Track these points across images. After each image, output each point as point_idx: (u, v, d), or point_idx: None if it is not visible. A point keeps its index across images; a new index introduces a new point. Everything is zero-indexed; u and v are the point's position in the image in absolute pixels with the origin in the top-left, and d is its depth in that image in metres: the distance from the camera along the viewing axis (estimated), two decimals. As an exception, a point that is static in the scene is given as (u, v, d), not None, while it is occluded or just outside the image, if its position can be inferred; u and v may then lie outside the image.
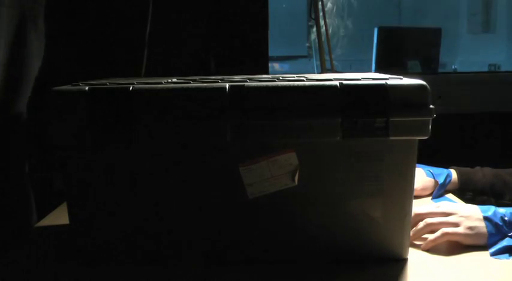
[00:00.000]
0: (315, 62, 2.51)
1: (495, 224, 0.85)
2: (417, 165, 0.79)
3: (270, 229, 0.79)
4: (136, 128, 0.74)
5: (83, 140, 0.75)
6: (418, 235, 0.88)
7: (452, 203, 1.00)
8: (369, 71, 2.54)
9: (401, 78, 0.78)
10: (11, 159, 1.02)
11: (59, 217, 1.02)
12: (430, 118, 0.75)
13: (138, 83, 0.76)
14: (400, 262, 0.81)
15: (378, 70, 2.45)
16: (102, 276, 0.78)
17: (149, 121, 0.75)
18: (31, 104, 1.05)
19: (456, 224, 0.86)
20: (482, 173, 1.15)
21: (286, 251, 0.80)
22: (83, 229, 0.80)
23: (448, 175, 1.15)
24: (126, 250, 0.81)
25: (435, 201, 1.11)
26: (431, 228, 0.87)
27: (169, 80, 0.81)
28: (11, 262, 0.85)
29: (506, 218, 0.85)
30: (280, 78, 0.81)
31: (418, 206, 0.92)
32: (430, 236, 0.86)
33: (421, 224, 0.88)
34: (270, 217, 0.79)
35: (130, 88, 0.74)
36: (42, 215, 1.05)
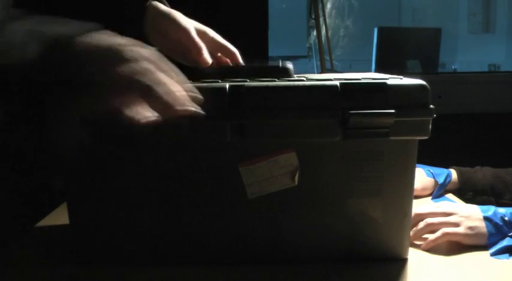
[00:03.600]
0: (315, 62, 2.51)
1: (495, 224, 0.85)
2: (417, 165, 0.79)
3: (270, 229, 0.79)
4: (136, 127, 0.74)
5: (83, 140, 0.75)
6: (419, 235, 0.88)
7: (453, 203, 1.00)
8: (369, 71, 2.54)
9: (401, 78, 0.78)
10: (10, 159, 1.02)
11: (59, 217, 1.02)
12: (430, 118, 0.75)
13: (138, 83, 0.76)
14: (400, 262, 0.81)
15: (377, 70, 2.45)
16: (102, 276, 0.78)
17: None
18: (31, 102, 1.05)
19: (456, 224, 0.86)
20: (482, 173, 1.15)
21: (286, 251, 0.80)
22: (83, 229, 0.80)
23: (448, 175, 1.15)
24: (126, 250, 0.81)
25: (435, 201, 1.11)
26: (432, 228, 0.87)
27: (169, 80, 0.81)
28: (11, 262, 0.85)
29: (506, 218, 0.85)
30: (280, 78, 0.81)
31: (418, 206, 0.92)
32: (430, 236, 0.86)
33: (421, 224, 0.88)
34: (269, 217, 0.79)
35: (130, 88, 0.74)
36: (42, 215, 1.05)
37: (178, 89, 0.59)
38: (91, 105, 0.64)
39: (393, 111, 0.74)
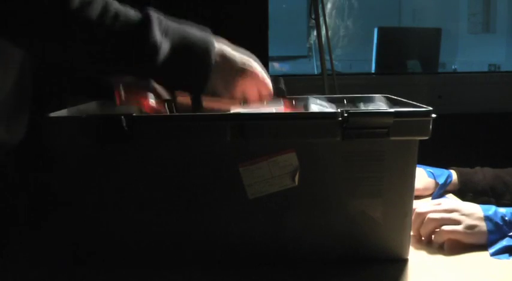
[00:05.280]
0: (315, 62, 2.51)
1: (495, 224, 0.85)
2: (418, 165, 0.79)
3: (270, 229, 0.79)
4: (136, 128, 0.74)
5: (83, 140, 0.75)
6: (427, 233, 0.87)
7: (453, 201, 1.00)
8: (369, 70, 2.54)
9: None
10: (10, 159, 1.02)
11: (59, 217, 1.02)
12: (430, 118, 0.75)
13: (138, 83, 0.76)
14: (400, 262, 0.81)
15: (378, 70, 2.45)
16: (101, 276, 0.78)
17: (149, 121, 0.75)
18: (31, 103, 1.05)
19: (457, 222, 0.86)
20: (482, 174, 1.15)
21: (286, 251, 0.80)
22: (82, 229, 0.80)
23: (449, 176, 1.15)
24: (126, 250, 0.81)
25: (435, 201, 1.11)
26: (435, 224, 0.86)
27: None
28: (10, 262, 0.85)
29: (506, 218, 0.85)
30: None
31: (419, 205, 0.92)
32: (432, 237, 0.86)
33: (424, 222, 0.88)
34: (270, 217, 0.79)
35: (130, 88, 0.74)
36: (41, 216, 1.05)
37: None
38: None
39: (393, 111, 0.74)
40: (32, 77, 1.03)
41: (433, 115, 0.75)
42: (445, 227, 0.85)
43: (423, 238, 0.88)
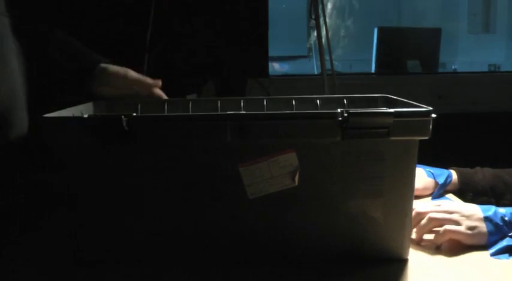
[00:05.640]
0: (315, 62, 2.51)
1: (495, 224, 0.85)
2: (417, 165, 0.79)
3: (270, 229, 0.79)
4: (136, 128, 0.74)
5: (83, 140, 0.75)
6: (423, 232, 0.87)
7: (453, 202, 1.00)
8: (369, 70, 2.54)
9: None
10: (11, 160, 1.02)
11: (59, 217, 1.02)
12: (431, 118, 0.75)
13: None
14: (400, 262, 0.81)
15: (377, 70, 2.45)
16: (101, 276, 0.78)
17: (149, 121, 0.75)
18: (32, 104, 1.05)
19: (457, 223, 0.86)
20: (482, 174, 1.15)
21: (286, 251, 0.80)
22: (82, 229, 0.80)
23: (449, 176, 1.15)
24: (126, 250, 0.81)
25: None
26: (435, 223, 0.87)
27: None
28: (10, 262, 0.85)
29: (506, 218, 0.85)
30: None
31: (419, 205, 0.92)
32: (432, 235, 0.86)
33: (424, 220, 0.88)
34: (270, 217, 0.79)
35: (131, 88, 0.74)
36: (41, 216, 1.05)
37: None
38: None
39: (393, 111, 0.74)
40: (33, 78, 1.03)
41: (433, 115, 0.75)
42: (447, 227, 0.85)
43: (414, 237, 0.87)
